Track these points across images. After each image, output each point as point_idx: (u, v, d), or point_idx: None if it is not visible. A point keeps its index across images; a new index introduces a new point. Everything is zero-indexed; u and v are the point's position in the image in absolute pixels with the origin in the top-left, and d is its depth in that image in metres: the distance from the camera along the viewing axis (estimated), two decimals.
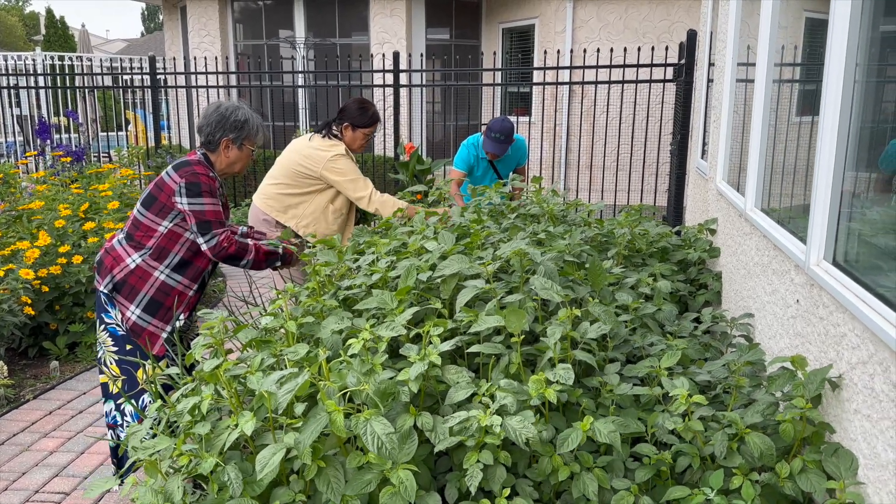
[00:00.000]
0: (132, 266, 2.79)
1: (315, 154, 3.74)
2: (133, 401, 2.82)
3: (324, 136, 3.85)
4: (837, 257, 1.82)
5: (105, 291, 2.82)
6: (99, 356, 2.90)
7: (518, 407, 1.74)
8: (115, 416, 2.91)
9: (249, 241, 2.90)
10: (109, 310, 2.84)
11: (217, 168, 2.92)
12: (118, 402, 2.88)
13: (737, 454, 1.73)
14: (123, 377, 2.83)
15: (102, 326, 2.86)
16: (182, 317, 2.86)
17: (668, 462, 1.74)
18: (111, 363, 2.84)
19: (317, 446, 1.65)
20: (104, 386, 2.89)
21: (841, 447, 1.60)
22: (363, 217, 4.02)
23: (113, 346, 2.83)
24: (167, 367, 2.84)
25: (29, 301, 4.20)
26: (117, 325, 2.83)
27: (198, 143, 2.97)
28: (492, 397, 1.74)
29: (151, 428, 1.92)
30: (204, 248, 2.80)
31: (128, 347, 2.83)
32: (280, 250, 3.02)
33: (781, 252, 2.23)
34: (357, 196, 3.75)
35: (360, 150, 3.95)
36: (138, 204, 2.84)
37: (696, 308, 3.06)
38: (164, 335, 2.84)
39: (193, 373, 2.04)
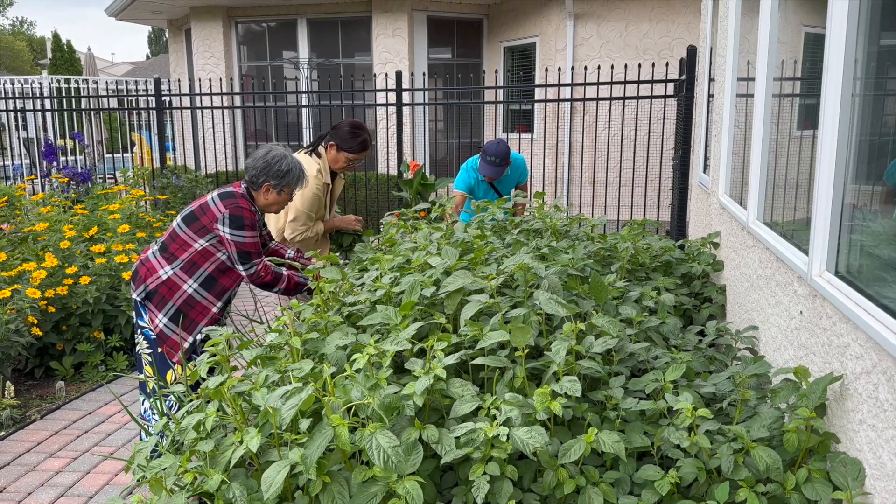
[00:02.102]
0: (164, 277, 3.04)
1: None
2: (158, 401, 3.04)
3: (306, 153, 3.83)
4: (840, 268, 1.82)
5: (138, 299, 3.08)
6: (138, 355, 3.15)
7: (523, 421, 1.74)
8: (148, 413, 3.13)
9: (284, 271, 3.18)
10: (143, 314, 3.09)
11: (256, 204, 3.17)
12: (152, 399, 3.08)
13: (742, 467, 1.72)
14: (157, 377, 3.07)
15: (139, 330, 3.12)
16: (204, 331, 2.98)
17: (675, 480, 1.74)
18: (147, 363, 3.09)
19: (322, 462, 1.65)
20: (142, 385, 3.14)
21: (846, 455, 1.60)
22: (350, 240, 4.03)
23: (147, 348, 3.09)
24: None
25: (35, 321, 4.22)
26: (150, 329, 3.07)
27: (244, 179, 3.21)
28: (497, 410, 1.74)
29: (157, 446, 1.93)
30: (244, 274, 3.09)
31: (159, 350, 3.08)
32: (310, 283, 3.22)
33: (784, 264, 2.24)
34: (289, 224, 3.73)
35: (341, 171, 3.89)
36: (178, 219, 3.09)
37: (700, 321, 3.05)
38: (187, 345, 3.07)
39: (199, 390, 2.05)
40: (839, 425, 1.71)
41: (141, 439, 3.13)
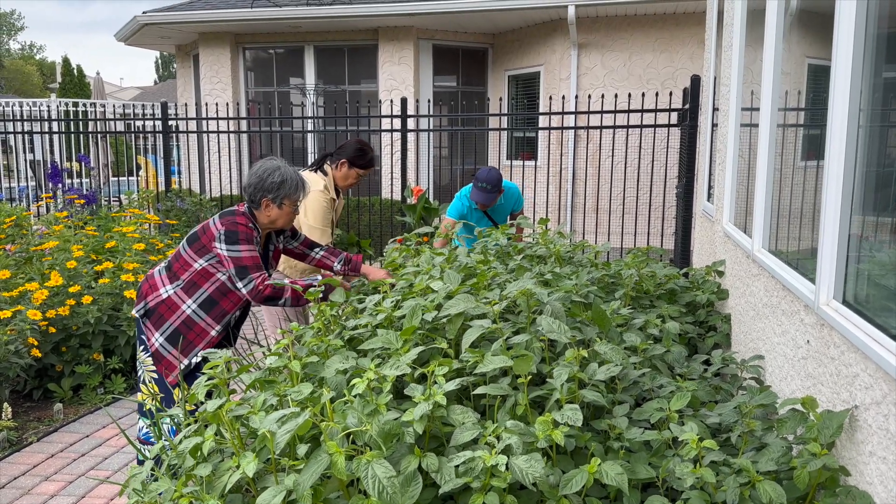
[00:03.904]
0: (164, 296, 3.02)
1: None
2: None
3: (312, 171, 3.93)
4: (848, 297, 1.80)
5: (138, 316, 3.06)
6: (139, 374, 3.11)
7: (524, 449, 1.70)
8: (147, 433, 3.08)
9: (286, 281, 3.05)
10: (143, 332, 3.05)
11: (260, 223, 3.11)
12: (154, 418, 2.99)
13: (749, 501, 1.68)
14: (162, 395, 3.03)
15: (142, 348, 3.07)
16: (202, 353, 2.95)
17: None
18: (150, 381, 3.05)
19: (318, 489, 1.61)
20: (140, 404, 3.10)
21: (856, 489, 1.56)
22: None
23: (152, 366, 3.04)
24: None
25: (35, 343, 4.19)
26: (148, 347, 3.04)
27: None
28: (497, 438, 1.70)
29: (152, 470, 1.89)
30: (243, 291, 2.99)
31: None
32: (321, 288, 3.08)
33: (790, 292, 2.21)
34: None
35: (348, 188, 4.02)
36: (184, 239, 3.08)
37: (705, 350, 3.02)
38: (181, 366, 3.01)
39: (196, 413, 2.02)
40: (848, 457, 1.67)
41: (138, 463, 3.08)
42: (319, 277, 3.16)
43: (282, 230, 3.27)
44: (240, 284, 2.97)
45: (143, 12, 10.48)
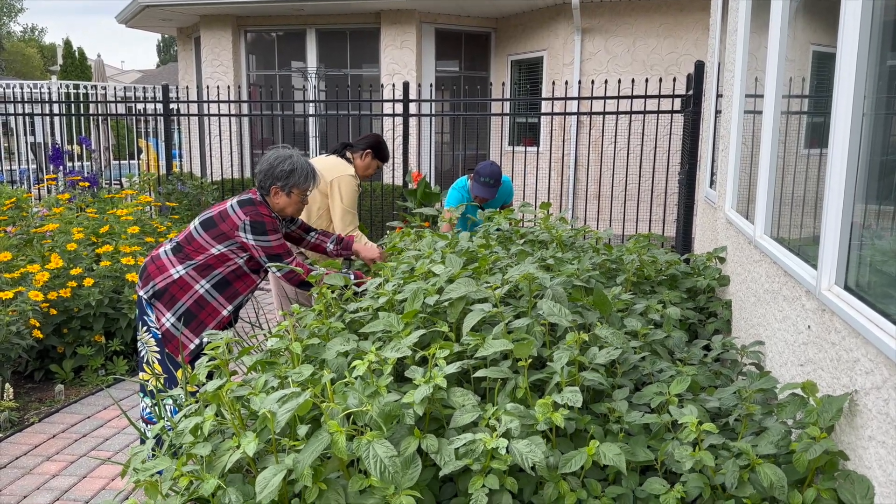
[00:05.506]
0: (175, 276, 3.00)
1: (334, 166, 3.90)
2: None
3: (337, 156, 4.05)
4: (850, 282, 1.80)
5: (145, 297, 3.03)
6: (141, 355, 3.11)
7: (524, 432, 1.71)
8: (151, 413, 3.10)
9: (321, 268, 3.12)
10: (150, 313, 3.04)
11: (271, 209, 3.14)
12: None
13: (748, 484, 1.69)
14: (165, 375, 3.04)
15: (145, 328, 3.07)
16: (205, 334, 2.97)
17: (681, 495, 1.70)
18: (154, 361, 3.06)
19: (319, 469, 1.62)
20: (142, 384, 3.12)
21: (854, 473, 1.56)
22: None
23: (156, 346, 3.05)
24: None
25: (37, 324, 4.20)
26: (157, 328, 3.04)
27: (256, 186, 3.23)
28: (498, 421, 1.71)
29: (153, 450, 1.90)
30: (278, 275, 3.08)
31: (167, 351, 3.05)
32: (351, 277, 3.16)
33: (792, 278, 2.21)
34: (339, 223, 3.86)
35: (364, 178, 4.18)
36: (197, 222, 3.06)
37: (705, 336, 3.02)
38: (192, 346, 3.03)
39: (197, 394, 2.03)
40: (847, 442, 1.67)
41: (142, 443, 3.10)
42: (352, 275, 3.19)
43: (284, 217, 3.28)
44: (274, 270, 3.07)
45: None
